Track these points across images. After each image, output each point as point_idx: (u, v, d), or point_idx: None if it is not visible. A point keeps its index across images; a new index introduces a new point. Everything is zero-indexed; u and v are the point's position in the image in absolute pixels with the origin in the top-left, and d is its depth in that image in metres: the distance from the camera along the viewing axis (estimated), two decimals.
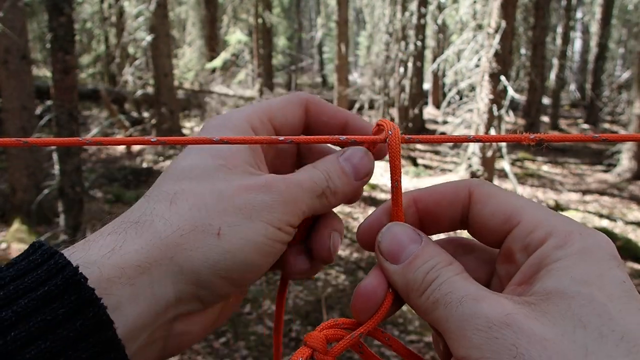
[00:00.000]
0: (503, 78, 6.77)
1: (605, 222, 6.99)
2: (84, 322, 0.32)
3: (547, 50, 14.17)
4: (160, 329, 0.38)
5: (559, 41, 15.58)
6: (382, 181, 8.17)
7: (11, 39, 5.47)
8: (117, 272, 0.35)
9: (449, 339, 0.33)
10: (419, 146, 10.76)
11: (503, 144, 7.41)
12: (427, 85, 17.13)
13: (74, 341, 0.32)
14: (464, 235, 0.43)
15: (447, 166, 9.40)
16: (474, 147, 7.15)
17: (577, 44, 23.42)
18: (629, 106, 10.52)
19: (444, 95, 11.81)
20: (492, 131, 6.74)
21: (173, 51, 12.17)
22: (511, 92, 6.77)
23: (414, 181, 8.58)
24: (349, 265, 5.23)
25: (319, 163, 0.44)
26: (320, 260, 0.47)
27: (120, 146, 9.48)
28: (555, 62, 15.27)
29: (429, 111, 16.10)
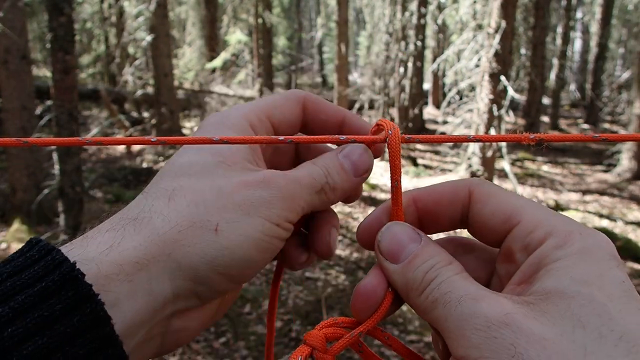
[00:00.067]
0: (503, 78, 6.77)
1: (605, 222, 6.99)
2: (81, 318, 0.32)
3: (547, 50, 14.16)
4: (158, 325, 0.38)
5: (559, 41, 15.58)
6: (382, 181, 8.17)
7: (11, 39, 5.47)
8: (115, 269, 0.35)
9: (448, 338, 0.33)
10: (419, 146, 10.76)
11: (503, 144, 7.41)
12: (427, 85, 17.13)
13: (72, 337, 0.32)
14: (464, 234, 0.43)
15: (447, 166, 9.40)
16: (474, 147, 7.15)
17: (577, 44, 23.42)
18: (629, 106, 10.52)
19: (444, 95, 11.81)
20: (492, 131, 6.74)
21: (173, 51, 12.16)
22: (511, 92, 6.77)
23: (414, 181, 8.58)
24: (349, 265, 5.23)
25: (318, 159, 0.44)
26: (320, 255, 0.47)
27: (120, 146, 9.48)
28: (555, 62, 15.27)
29: (429, 111, 16.10)
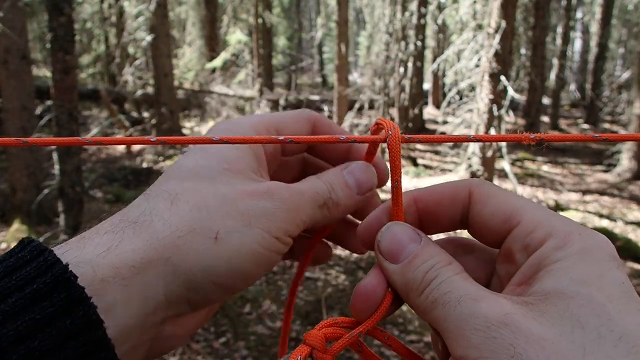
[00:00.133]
0: (503, 78, 6.76)
1: (605, 222, 6.99)
2: (74, 321, 0.32)
3: (547, 50, 14.16)
4: (149, 331, 0.37)
5: (559, 41, 15.58)
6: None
7: (11, 39, 5.47)
8: (112, 272, 0.34)
9: (447, 338, 0.33)
10: (419, 146, 10.76)
11: (503, 144, 7.41)
12: (427, 85, 17.13)
13: (63, 340, 0.32)
14: (464, 235, 0.43)
15: (447, 166, 9.40)
16: (474, 147, 7.15)
17: (577, 44, 23.41)
18: (629, 106, 10.52)
19: (444, 95, 11.81)
20: (492, 131, 6.74)
21: (173, 51, 12.17)
22: (511, 92, 6.77)
23: (414, 181, 8.58)
24: (349, 265, 5.23)
25: (322, 175, 0.45)
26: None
27: (120, 146, 9.48)
28: (555, 62, 15.27)
29: (429, 111, 16.09)
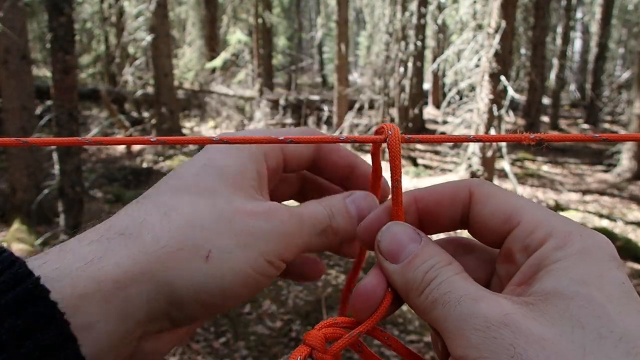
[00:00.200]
0: (503, 78, 6.76)
1: (605, 222, 6.99)
2: (44, 339, 0.30)
3: (547, 50, 14.16)
4: (128, 348, 0.36)
5: (559, 41, 15.58)
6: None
7: (11, 39, 5.47)
8: (93, 287, 0.33)
9: (447, 338, 0.33)
10: (419, 146, 10.76)
11: (503, 144, 7.41)
12: (427, 85, 17.13)
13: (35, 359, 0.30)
14: (464, 235, 0.43)
15: (447, 166, 9.40)
16: (474, 147, 7.15)
17: (577, 44, 23.42)
18: (629, 106, 10.52)
19: (444, 95, 11.81)
20: (492, 131, 6.74)
21: (173, 51, 12.17)
22: (511, 92, 6.77)
23: (414, 181, 8.58)
24: (349, 265, 5.24)
25: (324, 200, 0.44)
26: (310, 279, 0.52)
27: (120, 146, 9.48)
28: (555, 62, 15.27)
29: (429, 111, 16.10)
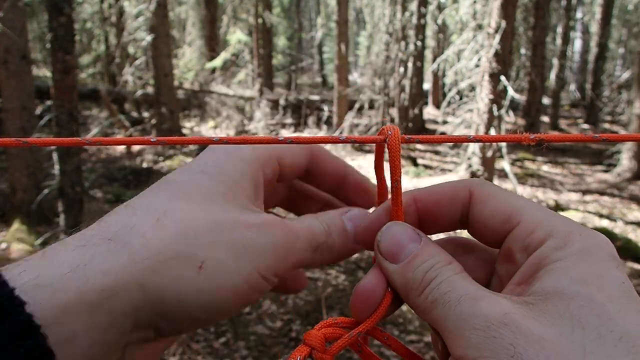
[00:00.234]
0: (503, 78, 6.77)
1: (605, 222, 6.99)
2: (16, 355, 0.28)
3: (547, 50, 14.16)
4: (111, 358, 0.34)
5: (559, 41, 15.58)
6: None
7: (11, 39, 5.47)
8: (76, 297, 0.31)
9: (447, 338, 0.33)
10: (419, 146, 10.76)
11: (503, 144, 7.41)
12: (427, 85, 17.14)
13: None
14: (463, 235, 0.43)
15: (447, 166, 9.40)
16: (474, 147, 7.15)
17: (577, 44, 23.42)
18: (629, 106, 10.52)
19: (444, 95, 11.81)
20: (492, 131, 6.74)
21: (173, 51, 12.17)
22: (511, 92, 6.78)
23: (414, 181, 8.58)
24: (348, 265, 5.23)
25: (321, 215, 0.43)
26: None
27: (120, 146, 9.49)
28: (555, 62, 15.27)
29: (429, 111, 16.10)
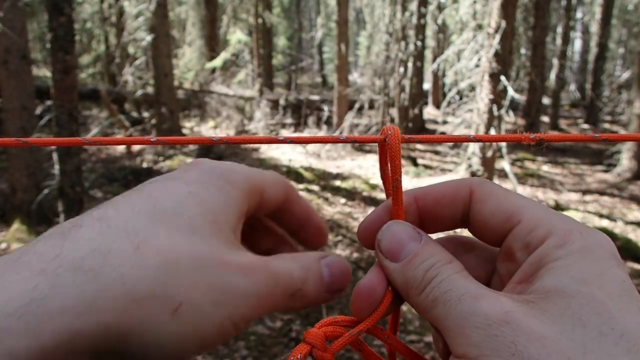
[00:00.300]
0: (503, 78, 6.77)
1: (605, 222, 6.99)
2: None
3: (547, 50, 14.17)
4: None
5: (559, 41, 15.59)
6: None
7: (11, 39, 5.47)
8: (25, 343, 0.26)
9: (448, 336, 0.33)
10: (419, 146, 10.77)
11: (503, 144, 7.42)
12: (427, 85, 17.14)
13: None
14: (464, 234, 0.43)
15: (447, 166, 9.40)
16: (474, 147, 7.16)
17: (577, 44, 23.43)
18: (629, 106, 10.52)
19: (444, 95, 11.82)
20: (492, 131, 6.74)
21: (173, 51, 12.18)
22: (511, 92, 6.78)
23: (414, 181, 8.58)
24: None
25: (299, 258, 0.38)
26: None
27: (120, 146, 9.49)
28: (555, 62, 15.28)
29: (429, 111, 16.10)
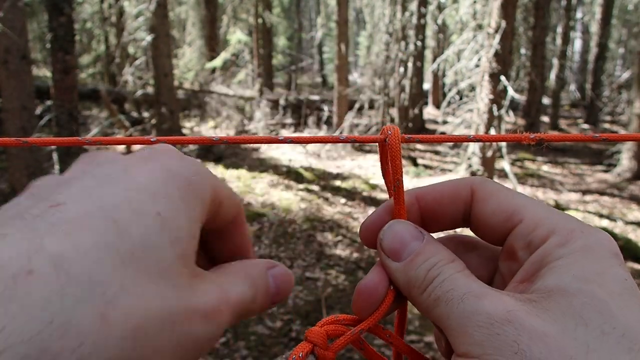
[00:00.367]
0: (503, 78, 6.77)
1: (605, 222, 6.99)
2: None
3: (547, 50, 14.17)
4: None
5: (559, 41, 15.60)
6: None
7: (11, 39, 5.47)
8: None
9: (450, 335, 0.33)
10: (419, 146, 10.77)
11: (503, 144, 7.42)
12: (427, 85, 17.15)
13: None
14: (466, 233, 0.43)
15: (447, 166, 9.40)
16: (474, 147, 7.16)
17: (577, 44, 23.43)
18: (629, 106, 10.53)
19: (444, 95, 11.82)
20: (492, 131, 6.74)
21: (173, 51, 12.17)
22: (511, 92, 6.78)
23: (414, 181, 8.58)
24: (349, 265, 5.23)
25: (249, 271, 0.35)
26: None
27: (120, 146, 9.48)
28: (555, 62, 15.28)
29: (429, 111, 16.11)
